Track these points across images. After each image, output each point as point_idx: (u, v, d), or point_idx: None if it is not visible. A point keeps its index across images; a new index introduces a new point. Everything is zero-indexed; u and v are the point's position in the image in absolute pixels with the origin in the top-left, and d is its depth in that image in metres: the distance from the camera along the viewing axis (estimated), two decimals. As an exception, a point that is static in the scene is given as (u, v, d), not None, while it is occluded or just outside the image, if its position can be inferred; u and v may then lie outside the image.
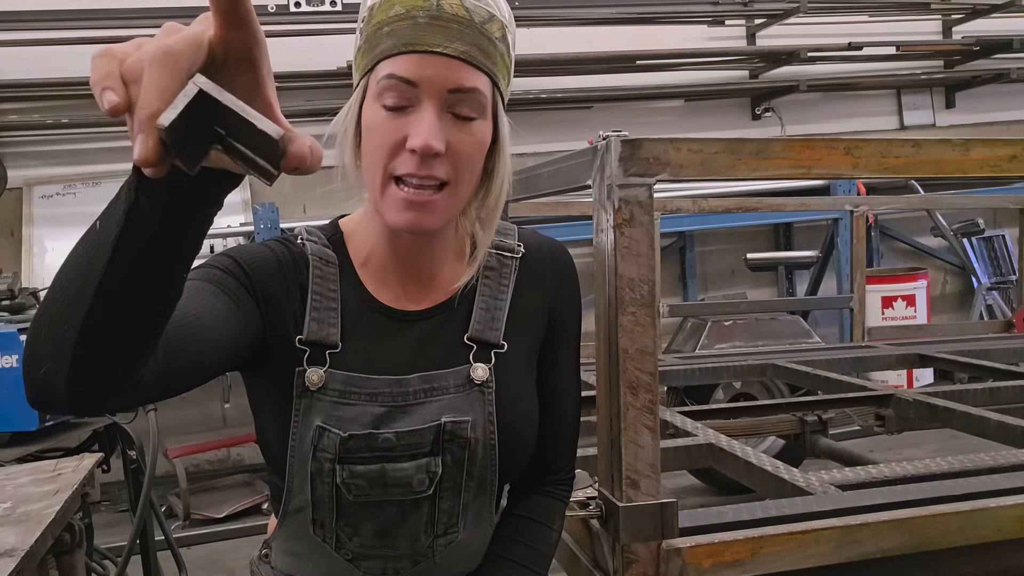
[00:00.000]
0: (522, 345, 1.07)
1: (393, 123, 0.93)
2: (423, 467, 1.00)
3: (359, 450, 0.98)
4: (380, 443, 0.98)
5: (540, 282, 1.10)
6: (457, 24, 0.93)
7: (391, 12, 0.93)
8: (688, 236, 5.83)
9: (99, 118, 5.00)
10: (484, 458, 1.02)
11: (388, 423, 0.99)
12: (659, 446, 1.17)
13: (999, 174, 1.30)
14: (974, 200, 4.85)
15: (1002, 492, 1.36)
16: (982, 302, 5.91)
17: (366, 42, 0.95)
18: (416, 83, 0.92)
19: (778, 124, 6.07)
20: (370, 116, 0.95)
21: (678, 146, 1.15)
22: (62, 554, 1.78)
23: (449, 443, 1.00)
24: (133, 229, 0.68)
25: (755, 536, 1.24)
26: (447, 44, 0.92)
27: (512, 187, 1.12)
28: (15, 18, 4.88)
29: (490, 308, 1.06)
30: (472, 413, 1.01)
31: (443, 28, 0.92)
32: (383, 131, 0.93)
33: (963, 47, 6.11)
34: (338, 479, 0.98)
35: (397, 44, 0.92)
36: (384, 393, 1.00)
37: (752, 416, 2.44)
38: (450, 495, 1.03)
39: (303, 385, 0.98)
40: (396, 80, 0.92)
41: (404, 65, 0.92)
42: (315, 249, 1.03)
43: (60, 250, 4.87)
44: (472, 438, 1.01)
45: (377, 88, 0.94)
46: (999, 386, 2.51)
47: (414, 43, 0.92)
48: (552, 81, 5.56)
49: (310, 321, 1.00)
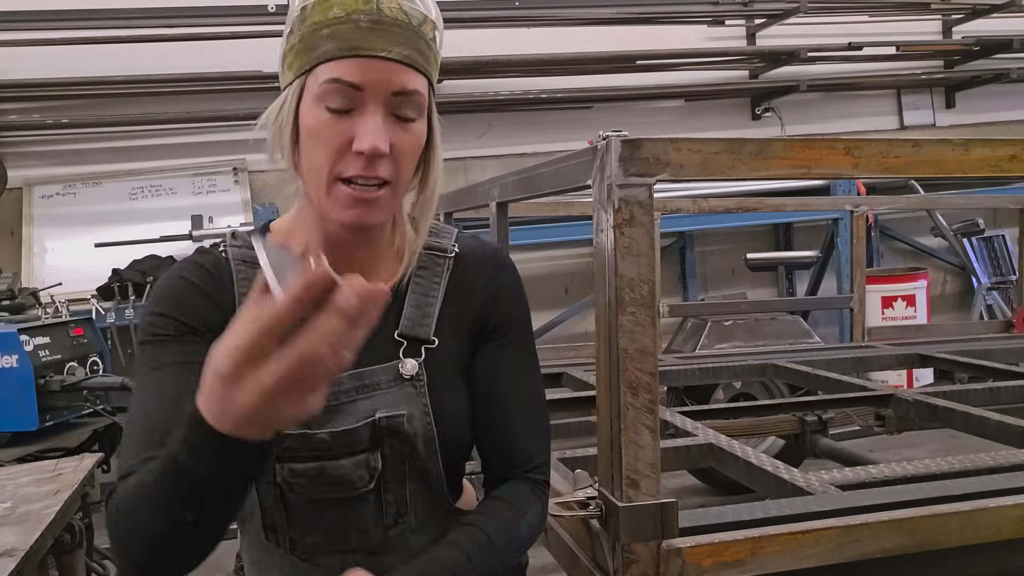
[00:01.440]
0: (454, 342, 1.09)
1: (338, 125, 0.95)
2: (362, 463, 1.02)
3: (296, 449, 0.99)
4: (316, 442, 0.99)
5: (473, 283, 1.11)
6: (397, 28, 0.95)
7: (329, 14, 0.94)
8: (688, 236, 5.83)
9: (99, 118, 5.00)
10: (426, 450, 1.04)
11: (322, 422, 1.00)
12: (659, 446, 1.17)
13: (999, 174, 1.30)
14: (974, 200, 4.85)
15: (1002, 492, 1.36)
16: (982, 302, 5.90)
17: (301, 42, 0.96)
18: (361, 87, 0.94)
19: (778, 124, 6.06)
20: (312, 118, 0.95)
21: (678, 146, 1.15)
22: (62, 554, 1.78)
23: (388, 438, 1.02)
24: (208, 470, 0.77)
25: (755, 536, 1.24)
26: (390, 48, 0.94)
27: (511, 187, 1.13)
28: (15, 18, 4.88)
29: (421, 305, 1.08)
30: (407, 407, 1.03)
31: (385, 32, 0.94)
32: (328, 134, 0.95)
33: (963, 47, 6.10)
34: (278, 478, 1.00)
35: (340, 47, 0.93)
36: None
37: (752, 416, 2.44)
38: (394, 487, 1.04)
39: None
40: (341, 84, 0.94)
41: (349, 69, 0.94)
42: (236, 254, 1.05)
43: (60, 250, 4.87)
44: (411, 431, 1.03)
45: (319, 91, 0.95)
46: (999, 386, 2.51)
47: (358, 47, 0.93)
48: (552, 81, 5.56)
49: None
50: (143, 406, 0.96)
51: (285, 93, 0.98)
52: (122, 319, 4.32)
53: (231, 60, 4.97)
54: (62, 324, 3.01)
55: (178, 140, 5.16)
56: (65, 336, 2.95)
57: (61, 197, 4.99)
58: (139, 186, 5.07)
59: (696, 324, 4.41)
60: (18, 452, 2.62)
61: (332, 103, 0.94)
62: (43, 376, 2.72)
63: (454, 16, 5.37)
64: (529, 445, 1.11)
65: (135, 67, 4.91)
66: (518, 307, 1.14)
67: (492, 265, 1.13)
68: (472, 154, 5.59)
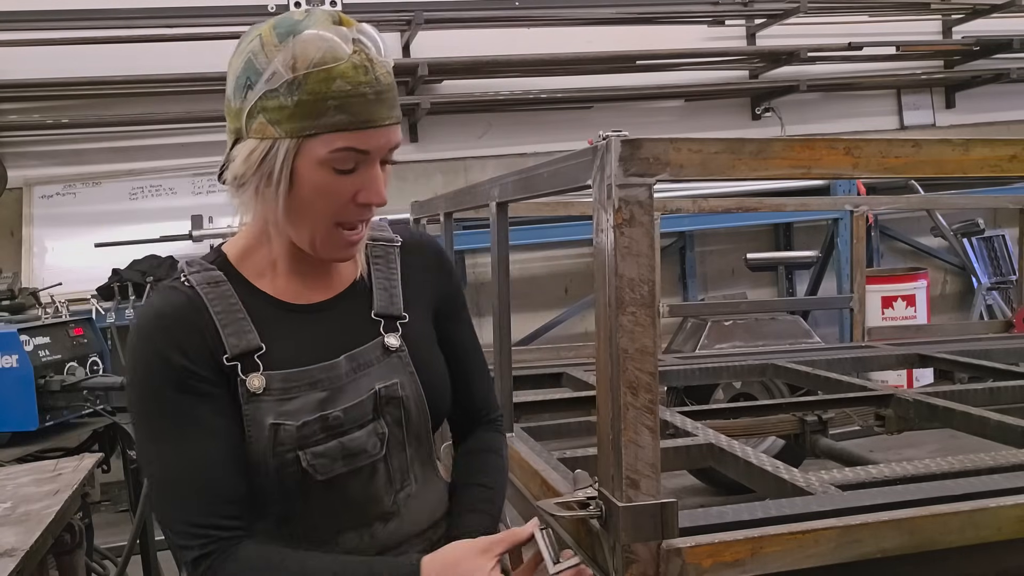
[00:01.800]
0: (419, 314, 1.25)
1: (344, 183, 1.07)
2: (371, 432, 1.15)
3: (314, 434, 1.11)
4: (331, 422, 1.12)
5: (421, 263, 1.28)
6: (389, 92, 1.08)
7: (333, 86, 1.03)
8: (688, 236, 5.83)
9: (99, 118, 5.00)
10: (418, 412, 1.19)
11: (332, 404, 1.12)
12: (659, 446, 1.17)
13: (999, 174, 1.30)
14: (974, 200, 4.85)
15: (1002, 492, 1.36)
16: (982, 302, 5.90)
17: (298, 106, 1.03)
18: (370, 152, 1.07)
19: (778, 124, 6.06)
20: (319, 178, 1.06)
21: (678, 146, 1.14)
22: (62, 554, 1.78)
23: (387, 406, 1.16)
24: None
25: (755, 536, 1.24)
26: (390, 115, 1.08)
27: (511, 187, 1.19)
28: (15, 18, 4.88)
29: (387, 288, 1.23)
30: (397, 376, 1.18)
31: (384, 100, 1.06)
32: (336, 192, 1.08)
33: (963, 47, 6.10)
34: (304, 463, 1.10)
35: (353, 121, 1.04)
36: (321, 379, 1.13)
37: (752, 416, 2.44)
38: (397, 451, 1.18)
39: (248, 392, 1.09)
40: (354, 152, 1.06)
41: (361, 139, 1.06)
42: (199, 278, 1.13)
43: (60, 250, 4.87)
44: (404, 396, 1.18)
45: (328, 156, 1.05)
46: (999, 386, 2.51)
47: (370, 120, 1.05)
48: (552, 81, 5.56)
49: (227, 337, 1.10)
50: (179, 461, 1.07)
51: (271, 146, 1.05)
52: (122, 319, 4.32)
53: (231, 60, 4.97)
54: (62, 324, 3.00)
55: (178, 140, 5.16)
56: (65, 336, 2.95)
57: (61, 197, 4.99)
58: (139, 186, 5.07)
59: (696, 324, 4.41)
60: (18, 452, 2.62)
61: (342, 166, 1.06)
62: (43, 376, 2.72)
63: (454, 16, 5.37)
64: (488, 396, 1.36)
65: (135, 67, 4.91)
66: (457, 284, 1.35)
67: (430, 250, 1.31)
68: (472, 154, 5.59)
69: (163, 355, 1.07)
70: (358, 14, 4.91)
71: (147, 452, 1.11)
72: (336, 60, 1.03)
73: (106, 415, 2.92)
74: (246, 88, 1.06)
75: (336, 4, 5.26)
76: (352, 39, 1.05)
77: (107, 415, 2.93)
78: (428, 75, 5.13)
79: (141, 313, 1.13)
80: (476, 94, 5.38)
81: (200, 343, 1.09)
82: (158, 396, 1.08)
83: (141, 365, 1.09)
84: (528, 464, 1.70)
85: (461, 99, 5.39)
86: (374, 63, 1.05)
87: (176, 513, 1.08)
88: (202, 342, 1.09)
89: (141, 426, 1.11)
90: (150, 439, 1.10)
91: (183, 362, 1.07)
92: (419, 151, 5.57)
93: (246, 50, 1.07)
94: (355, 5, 5.29)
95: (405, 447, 1.19)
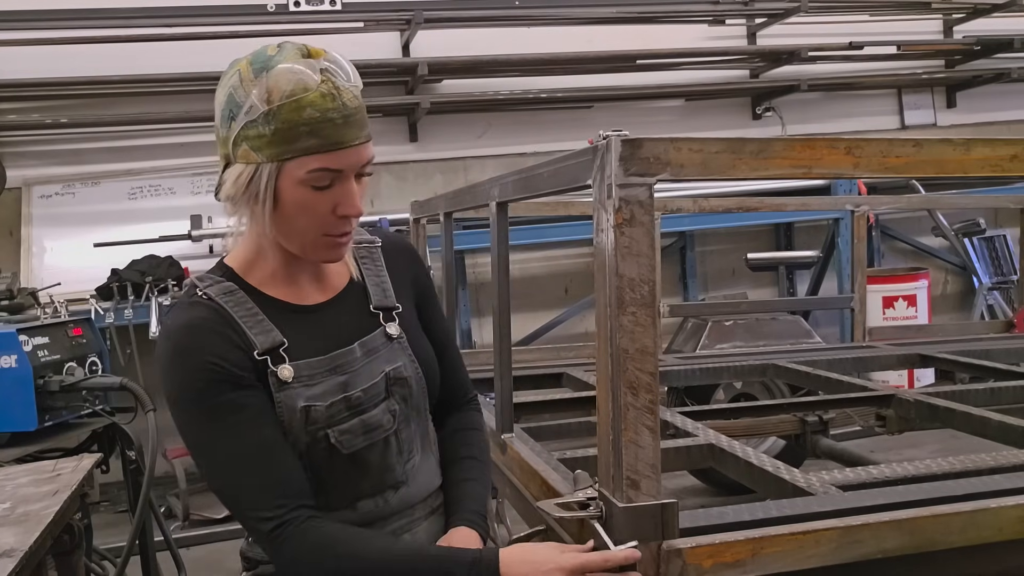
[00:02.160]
0: (407, 305, 1.41)
1: (322, 198, 1.20)
2: (385, 408, 1.32)
3: (339, 412, 1.27)
4: (353, 401, 1.28)
5: (400, 260, 1.44)
6: (358, 114, 1.19)
7: (304, 115, 1.15)
8: (688, 236, 5.83)
9: (98, 118, 5.00)
10: (418, 390, 1.36)
11: (352, 385, 1.29)
12: (659, 446, 1.17)
13: (1000, 174, 1.29)
14: (975, 200, 4.84)
15: (1003, 492, 1.36)
16: (983, 302, 5.90)
17: (275, 134, 1.16)
18: (342, 170, 1.20)
19: (779, 124, 6.06)
20: (299, 195, 1.19)
21: (678, 146, 1.14)
22: (61, 554, 1.78)
23: (395, 385, 1.33)
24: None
25: (756, 537, 1.23)
26: (359, 134, 1.19)
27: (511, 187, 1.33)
28: (15, 18, 4.88)
29: (379, 284, 1.39)
30: (400, 359, 1.35)
31: (352, 122, 1.18)
32: (316, 207, 1.20)
33: (964, 47, 6.10)
34: (332, 439, 1.26)
35: (324, 143, 1.17)
36: (340, 364, 1.29)
37: (753, 416, 2.44)
38: (404, 426, 1.35)
39: (279, 381, 1.24)
40: (327, 171, 1.18)
41: (333, 159, 1.18)
42: (214, 291, 1.26)
43: (59, 250, 4.87)
44: (408, 377, 1.34)
45: (305, 176, 1.18)
46: (1000, 386, 2.51)
47: (339, 142, 1.18)
48: (552, 81, 5.56)
49: (255, 336, 1.24)
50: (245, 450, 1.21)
51: (256, 170, 1.19)
52: (121, 319, 4.32)
53: (230, 60, 4.94)
54: (61, 324, 3.00)
55: (177, 140, 5.16)
56: (64, 336, 2.94)
57: (60, 197, 4.98)
58: (138, 186, 5.07)
59: (696, 324, 4.41)
60: (17, 452, 2.61)
61: (317, 184, 1.19)
62: (42, 376, 2.71)
63: (454, 15, 5.37)
64: (465, 379, 1.51)
65: (134, 67, 4.90)
66: (428, 275, 1.49)
67: (405, 247, 1.48)
68: (472, 154, 5.58)
69: (206, 363, 1.20)
70: (358, 14, 4.89)
71: (209, 451, 1.23)
72: (305, 91, 1.15)
73: (105, 415, 2.92)
74: (230, 119, 1.20)
75: (335, 4, 5.26)
76: (320, 68, 1.17)
77: (106, 415, 2.93)
78: (428, 75, 5.13)
79: (171, 331, 1.24)
80: (476, 94, 5.38)
81: (233, 346, 1.22)
82: (211, 400, 1.20)
83: (189, 377, 1.20)
84: (528, 464, 1.69)
85: (461, 99, 5.39)
86: (340, 90, 1.18)
87: (249, 496, 1.21)
88: (234, 344, 1.22)
89: (200, 430, 1.22)
90: (211, 439, 1.22)
91: (225, 365, 1.20)
92: (419, 151, 5.57)
93: (227, 84, 1.21)
94: (355, 5, 5.29)
95: (410, 421, 1.36)
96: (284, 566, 1.24)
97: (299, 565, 1.20)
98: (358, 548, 1.21)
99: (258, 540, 1.26)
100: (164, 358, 1.23)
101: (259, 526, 1.20)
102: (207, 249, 4.86)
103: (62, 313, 3.44)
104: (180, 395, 1.21)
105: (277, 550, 1.21)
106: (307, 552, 1.19)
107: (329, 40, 5.02)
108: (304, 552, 1.19)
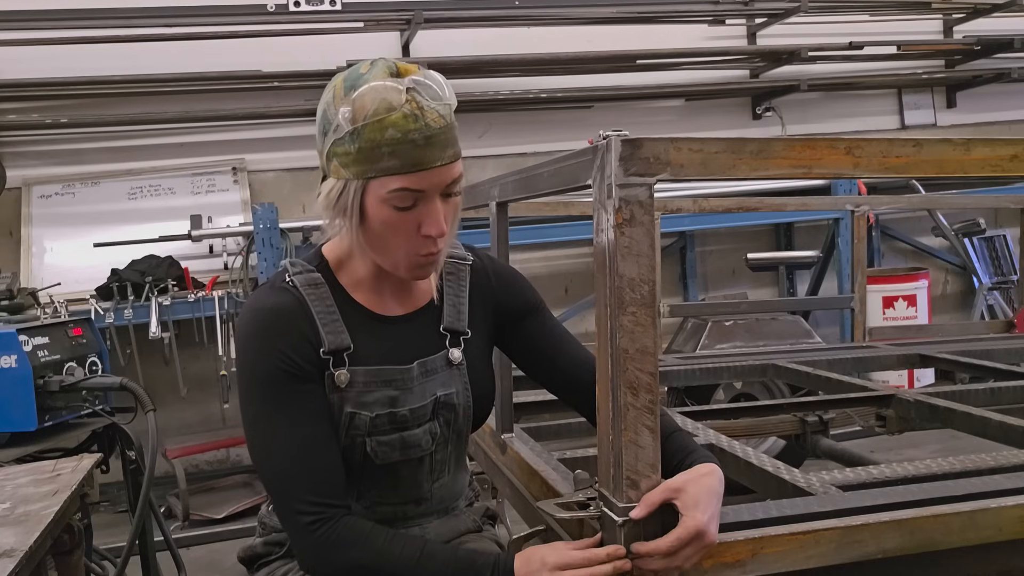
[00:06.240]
0: (481, 331, 1.42)
1: (406, 218, 1.22)
2: (427, 431, 1.35)
3: (382, 425, 1.30)
4: (398, 418, 1.31)
5: (487, 286, 1.45)
6: (443, 134, 1.20)
7: (386, 135, 1.17)
8: (688, 236, 5.82)
9: (98, 118, 5.00)
10: (464, 418, 1.39)
11: (401, 403, 1.32)
12: (659, 446, 1.17)
13: (1000, 174, 1.29)
14: (975, 200, 4.84)
15: (1003, 493, 1.36)
16: (983, 302, 5.89)
17: (359, 152, 1.19)
18: (423, 191, 1.21)
19: (779, 124, 6.06)
20: (383, 214, 1.22)
21: (678, 146, 1.14)
22: (61, 555, 1.77)
23: (442, 410, 1.36)
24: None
25: (756, 537, 1.24)
26: (441, 155, 1.20)
27: (511, 187, 1.36)
28: (15, 18, 4.88)
29: (455, 304, 1.40)
30: (455, 386, 1.37)
31: (435, 143, 1.19)
32: (400, 226, 1.23)
33: (964, 47, 6.10)
34: (368, 449, 1.30)
35: (404, 164, 1.18)
36: (396, 379, 1.32)
37: (753, 416, 2.44)
38: (442, 448, 1.38)
39: (334, 384, 1.28)
40: (408, 192, 1.20)
41: (413, 180, 1.20)
42: (302, 280, 1.30)
43: (59, 250, 4.87)
44: (458, 404, 1.37)
45: (387, 196, 1.20)
46: (1000, 386, 2.51)
47: (419, 163, 1.19)
48: (552, 81, 5.56)
49: (326, 335, 1.28)
50: (297, 440, 1.25)
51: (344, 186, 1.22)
52: (121, 319, 4.31)
53: (230, 59, 4.97)
54: (61, 324, 2.99)
55: (177, 140, 5.16)
56: (64, 336, 2.94)
57: (60, 197, 4.98)
58: (138, 186, 5.07)
59: (697, 324, 4.41)
60: (17, 452, 2.61)
61: (399, 204, 1.21)
62: (42, 376, 2.71)
63: (454, 15, 5.37)
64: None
65: (134, 67, 4.90)
66: (525, 290, 1.48)
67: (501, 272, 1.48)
68: (472, 154, 5.58)
69: (280, 350, 1.25)
70: (358, 14, 4.88)
71: (264, 434, 1.26)
72: (389, 111, 1.17)
73: (105, 415, 2.92)
74: (323, 134, 1.23)
75: (336, 4, 5.26)
76: (407, 88, 1.18)
77: (106, 415, 2.92)
78: (428, 75, 5.12)
79: (255, 311, 1.29)
80: (476, 93, 5.38)
81: (306, 339, 1.27)
82: (276, 385, 1.24)
83: (262, 359, 1.25)
84: (528, 464, 1.69)
85: (461, 98, 5.28)
86: (424, 110, 1.18)
87: (296, 486, 1.24)
88: (306, 338, 1.27)
89: (260, 410, 1.26)
90: (268, 423, 1.26)
91: (295, 357, 1.25)
92: (419, 151, 5.55)
93: (324, 100, 1.24)
94: (355, 5, 5.29)
95: (448, 444, 1.39)
96: (315, 558, 1.26)
97: (331, 559, 1.23)
98: (392, 551, 1.23)
99: (291, 528, 1.27)
100: (243, 334, 1.29)
101: (299, 517, 1.24)
102: (207, 249, 4.86)
103: (62, 313, 3.44)
104: (250, 374, 1.27)
105: (312, 542, 1.24)
106: (341, 548, 1.23)
107: (329, 40, 5.04)
108: (338, 547, 1.23)
